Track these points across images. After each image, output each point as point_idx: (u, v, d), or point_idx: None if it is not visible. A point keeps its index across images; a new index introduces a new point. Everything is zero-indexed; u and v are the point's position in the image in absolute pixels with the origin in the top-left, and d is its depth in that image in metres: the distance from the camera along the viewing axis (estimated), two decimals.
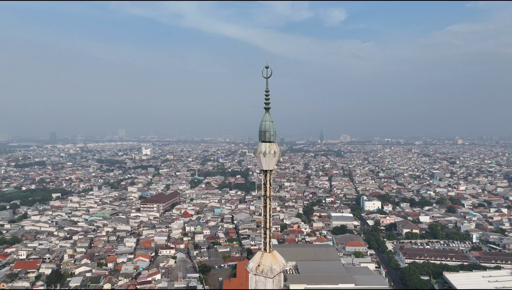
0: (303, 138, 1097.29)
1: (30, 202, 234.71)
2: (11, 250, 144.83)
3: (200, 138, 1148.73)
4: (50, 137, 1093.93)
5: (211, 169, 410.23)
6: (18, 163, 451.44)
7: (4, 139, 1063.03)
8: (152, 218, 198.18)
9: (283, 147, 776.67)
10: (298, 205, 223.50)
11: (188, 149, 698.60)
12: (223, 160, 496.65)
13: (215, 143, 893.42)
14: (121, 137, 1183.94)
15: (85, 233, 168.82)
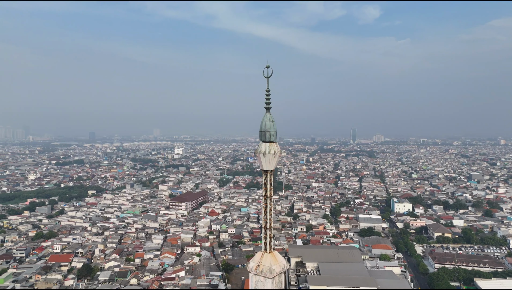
0: (335, 138, 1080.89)
1: (67, 198, 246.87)
2: (47, 244, 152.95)
3: (231, 138, 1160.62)
4: (89, 136, 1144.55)
5: (240, 168, 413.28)
6: (59, 161, 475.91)
7: (48, 138, 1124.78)
8: (180, 216, 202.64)
9: (313, 146, 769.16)
10: (326, 205, 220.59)
11: (219, 149, 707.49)
12: (252, 159, 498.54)
13: (246, 143, 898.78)
14: (155, 137, 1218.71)
15: (116, 229, 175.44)
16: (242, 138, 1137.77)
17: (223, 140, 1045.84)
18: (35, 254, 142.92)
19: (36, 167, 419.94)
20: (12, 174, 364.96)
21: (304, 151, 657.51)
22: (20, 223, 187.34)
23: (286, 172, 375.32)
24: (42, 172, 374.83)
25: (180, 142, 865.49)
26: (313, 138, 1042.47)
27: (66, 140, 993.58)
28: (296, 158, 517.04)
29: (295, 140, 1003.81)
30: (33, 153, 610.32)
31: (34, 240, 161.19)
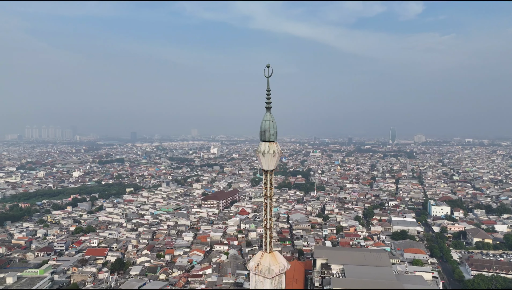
0: (373, 138, 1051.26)
1: (106, 195, 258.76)
2: (85, 238, 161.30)
3: None
4: (131, 136, 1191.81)
5: None
6: (102, 159, 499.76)
7: (93, 138, 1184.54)
8: (211, 214, 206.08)
9: (350, 147, 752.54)
10: (358, 207, 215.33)
11: (253, 148, 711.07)
12: (286, 159, 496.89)
13: (280, 143, 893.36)
14: (193, 137, 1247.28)
15: (149, 226, 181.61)
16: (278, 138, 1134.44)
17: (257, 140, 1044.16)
18: (74, 248, 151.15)
19: (80, 165, 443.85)
20: (59, 171, 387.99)
21: (340, 151, 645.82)
22: (63, 217, 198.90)
23: (320, 172, 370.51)
24: (86, 170, 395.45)
25: (216, 142, 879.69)
26: (350, 138, 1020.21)
27: (109, 140, 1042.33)
28: (331, 158, 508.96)
29: (331, 141, 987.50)
30: (79, 152, 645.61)
31: (74, 234, 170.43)
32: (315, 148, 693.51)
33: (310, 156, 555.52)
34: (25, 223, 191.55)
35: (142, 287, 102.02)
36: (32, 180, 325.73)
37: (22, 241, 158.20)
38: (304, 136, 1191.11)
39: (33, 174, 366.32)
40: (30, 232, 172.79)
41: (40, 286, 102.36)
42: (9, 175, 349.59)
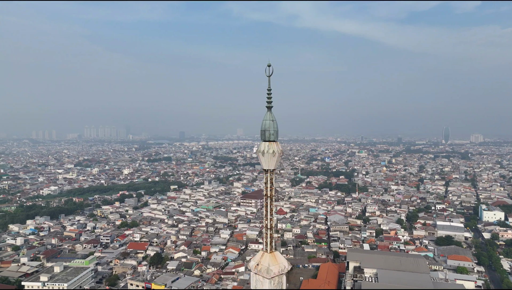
0: (425, 138, 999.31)
1: (152, 192, 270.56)
2: (129, 232, 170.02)
3: (311, 137, 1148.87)
4: (179, 136, 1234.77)
5: (316, 168, 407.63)
6: (150, 158, 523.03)
7: (145, 137, 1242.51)
8: (249, 212, 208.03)
9: (399, 147, 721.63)
10: (402, 210, 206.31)
11: (296, 148, 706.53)
12: (330, 159, 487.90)
13: (325, 143, 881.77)
14: (238, 136, 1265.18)
15: (189, 223, 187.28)
16: (323, 138, 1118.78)
17: (302, 140, 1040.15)
18: (118, 241, 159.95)
19: (131, 163, 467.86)
20: (111, 168, 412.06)
21: (387, 151, 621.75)
22: (111, 212, 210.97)
23: (364, 173, 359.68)
24: (135, 168, 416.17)
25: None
26: (400, 138, 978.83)
27: (159, 139, 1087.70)
28: (377, 159, 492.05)
29: (379, 140, 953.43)
30: (131, 150, 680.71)
31: (119, 228, 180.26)
32: (361, 148, 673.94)
33: (355, 156, 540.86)
34: (77, 216, 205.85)
35: (174, 281, 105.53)
36: (87, 177, 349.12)
37: (73, 233, 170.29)
38: (350, 136, 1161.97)
39: (88, 170, 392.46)
40: (81, 225, 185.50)
41: (82, 276, 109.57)
42: (67, 172, 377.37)
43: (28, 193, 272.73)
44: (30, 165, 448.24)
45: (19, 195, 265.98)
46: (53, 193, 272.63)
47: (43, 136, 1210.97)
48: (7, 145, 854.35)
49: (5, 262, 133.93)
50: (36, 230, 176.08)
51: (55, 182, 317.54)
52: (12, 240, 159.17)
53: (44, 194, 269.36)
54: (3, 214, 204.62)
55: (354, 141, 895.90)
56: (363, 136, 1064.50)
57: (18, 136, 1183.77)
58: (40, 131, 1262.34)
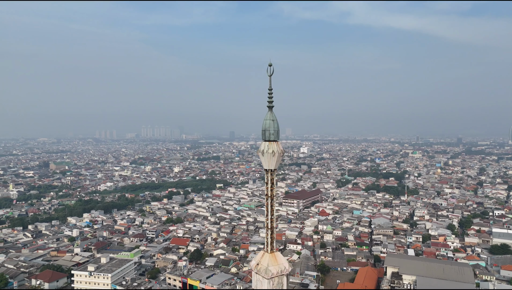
0: (488, 138, 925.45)
1: (198, 189, 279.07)
2: (173, 228, 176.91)
3: (362, 137, 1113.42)
4: (229, 135, 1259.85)
5: (364, 169, 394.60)
6: (200, 157, 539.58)
7: (197, 137, 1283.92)
8: (291, 213, 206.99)
9: (458, 148, 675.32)
10: (454, 215, 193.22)
11: (346, 148, 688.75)
12: (380, 160, 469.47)
13: (377, 143, 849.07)
14: (286, 136, 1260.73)
15: (230, 221, 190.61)
16: (375, 137, 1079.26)
17: (353, 140, 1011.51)
18: (163, 236, 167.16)
19: (181, 161, 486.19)
20: (162, 167, 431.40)
21: (444, 152, 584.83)
22: (158, 208, 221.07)
23: (416, 175, 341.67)
24: (185, 166, 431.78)
25: (309, 141, 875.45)
26: (460, 138, 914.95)
27: (210, 139, 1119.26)
28: (433, 160, 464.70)
29: (436, 141, 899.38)
30: (183, 149, 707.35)
31: (165, 224, 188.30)
32: (415, 148, 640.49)
33: (408, 157, 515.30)
34: (128, 211, 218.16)
35: (209, 277, 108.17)
36: (140, 174, 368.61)
37: (122, 227, 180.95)
38: (405, 136, 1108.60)
39: (142, 168, 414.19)
40: (130, 220, 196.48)
41: (126, 268, 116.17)
42: (123, 169, 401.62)
43: (87, 188, 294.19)
44: (92, 162, 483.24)
45: (79, 190, 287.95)
46: (108, 188, 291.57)
47: (105, 136, 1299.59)
48: (73, 143, 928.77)
49: (61, 251, 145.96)
50: (91, 223, 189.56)
51: (111, 178, 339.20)
52: (69, 232, 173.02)
53: (101, 190, 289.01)
54: (64, 207, 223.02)
55: (408, 142, 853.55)
56: (418, 136, 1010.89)
57: (84, 135, 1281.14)
58: (103, 131, 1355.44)
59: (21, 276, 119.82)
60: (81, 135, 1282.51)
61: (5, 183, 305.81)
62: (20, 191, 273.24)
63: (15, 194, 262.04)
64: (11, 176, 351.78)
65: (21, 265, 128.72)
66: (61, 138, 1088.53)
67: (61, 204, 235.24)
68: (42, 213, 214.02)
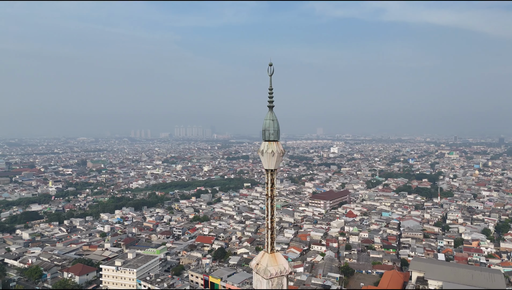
0: None
1: (226, 188, 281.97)
2: (199, 226, 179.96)
3: (397, 137, 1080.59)
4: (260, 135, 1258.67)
5: (397, 170, 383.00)
6: (230, 156, 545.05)
7: (228, 136, 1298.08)
8: (317, 213, 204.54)
9: (499, 148, 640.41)
10: (490, 219, 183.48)
11: (379, 148, 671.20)
12: (414, 161, 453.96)
13: (412, 143, 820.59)
14: (318, 135, 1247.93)
15: (255, 220, 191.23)
16: (410, 137, 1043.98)
17: (387, 140, 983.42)
18: (189, 234, 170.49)
19: (211, 160, 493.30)
20: (193, 165, 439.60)
21: (484, 153, 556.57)
22: (186, 206, 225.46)
23: (451, 176, 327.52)
24: (215, 165, 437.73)
25: (340, 141, 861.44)
26: (502, 138, 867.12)
27: (240, 138, 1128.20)
28: (471, 161, 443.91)
29: (476, 141, 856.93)
30: (213, 149, 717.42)
31: (192, 221, 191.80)
32: (453, 148, 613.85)
33: (444, 157, 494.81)
34: (157, 209, 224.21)
35: (230, 276, 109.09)
36: (171, 172, 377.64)
37: (151, 224, 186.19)
38: (442, 135, 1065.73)
39: (173, 167, 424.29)
40: (159, 217, 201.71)
41: (151, 264, 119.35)
42: (155, 167, 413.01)
43: (120, 186, 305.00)
44: (126, 160, 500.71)
45: (113, 187, 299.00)
46: (140, 186, 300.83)
47: (139, 135, 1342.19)
48: (110, 142, 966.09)
49: (92, 246, 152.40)
50: (122, 219, 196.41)
51: (143, 176, 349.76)
52: (101, 227, 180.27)
53: (133, 187, 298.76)
54: (97, 204, 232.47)
55: (445, 142, 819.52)
56: (456, 136, 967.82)
57: (120, 135, 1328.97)
58: (138, 130, 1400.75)
59: (54, 269, 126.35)
60: (117, 135, 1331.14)
61: (45, 180, 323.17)
62: (58, 187, 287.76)
63: (54, 190, 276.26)
64: (51, 173, 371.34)
65: (55, 258, 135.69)
66: (99, 138, 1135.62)
67: (95, 200, 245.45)
68: (77, 209, 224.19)
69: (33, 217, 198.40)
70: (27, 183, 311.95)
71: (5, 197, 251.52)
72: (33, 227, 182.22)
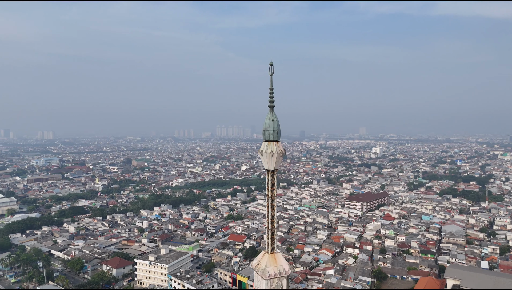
0: None
1: (261, 188, 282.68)
2: (232, 225, 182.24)
3: (445, 137, 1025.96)
4: (299, 135, 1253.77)
5: (442, 171, 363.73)
6: None
7: None
8: (353, 215, 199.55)
9: None
10: None
11: (424, 149, 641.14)
12: (462, 162, 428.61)
13: (461, 144, 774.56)
14: (360, 135, 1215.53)
15: (288, 220, 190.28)
16: (459, 137, 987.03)
17: (434, 140, 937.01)
18: (222, 232, 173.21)
19: (249, 160, 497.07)
20: (231, 165, 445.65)
21: None
22: (222, 205, 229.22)
23: (503, 179, 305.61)
24: (252, 164, 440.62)
25: (383, 141, 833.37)
26: None
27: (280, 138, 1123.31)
28: None
29: None
30: (252, 148, 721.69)
31: (226, 220, 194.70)
32: (507, 149, 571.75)
33: (497, 159, 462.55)
34: (194, 206, 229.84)
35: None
36: (210, 171, 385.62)
37: (186, 221, 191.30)
38: (496, 136, 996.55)
39: (212, 166, 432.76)
40: (195, 215, 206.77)
41: (182, 260, 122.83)
42: (195, 166, 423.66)
43: (161, 184, 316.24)
44: (168, 159, 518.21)
45: (154, 185, 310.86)
46: (179, 184, 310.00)
47: (183, 135, 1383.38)
48: (155, 142, 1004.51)
49: (130, 241, 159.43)
50: (160, 216, 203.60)
51: (183, 175, 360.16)
52: (140, 223, 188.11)
53: (172, 185, 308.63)
54: (138, 200, 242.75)
55: (499, 142, 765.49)
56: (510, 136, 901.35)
57: (164, 134, 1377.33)
58: (181, 130, 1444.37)
59: (94, 261, 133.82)
60: (162, 134, 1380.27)
61: (93, 177, 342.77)
62: (104, 184, 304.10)
63: (100, 187, 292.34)
64: (99, 170, 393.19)
65: (95, 251, 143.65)
66: (144, 137, 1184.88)
67: (137, 197, 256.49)
68: (119, 205, 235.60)
69: (79, 211, 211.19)
70: (77, 180, 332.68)
71: (56, 193, 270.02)
72: (79, 221, 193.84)
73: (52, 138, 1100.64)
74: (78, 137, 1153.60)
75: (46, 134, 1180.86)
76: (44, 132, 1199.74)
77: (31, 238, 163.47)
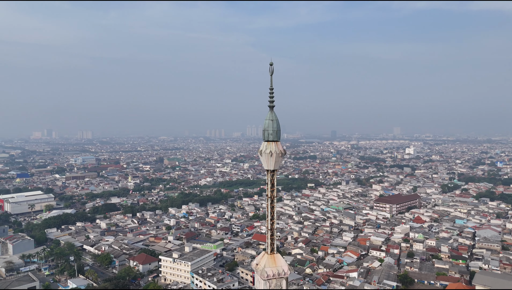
0: None
1: (289, 188, 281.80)
2: (257, 224, 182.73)
3: (486, 137, 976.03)
4: (331, 135, 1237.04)
5: (480, 173, 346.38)
6: (297, 155, 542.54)
7: (297, 136, 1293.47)
8: (381, 217, 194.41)
9: None
10: None
11: (462, 150, 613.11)
12: (503, 164, 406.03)
13: (503, 144, 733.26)
14: (394, 135, 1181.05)
15: (314, 221, 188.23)
16: (502, 138, 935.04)
17: (473, 140, 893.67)
18: (247, 231, 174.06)
19: None
20: (259, 164, 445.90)
21: None
22: (248, 204, 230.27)
23: None
24: (281, 165, 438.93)
25: (418, 142, 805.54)
26: None
27: (310, 138, 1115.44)
28: None
29: None
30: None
31: (251, 219, 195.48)
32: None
33: None
34: (221, 205, 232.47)
35: None
36: (238, 171, 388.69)
37: (212, 219, 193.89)
38: None
39: (241, 165, 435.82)
40: (221, 213, 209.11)
41: (205, 258, 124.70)
42: (224, 166, 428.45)
43: (190, 183, 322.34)
44: (199, 159, 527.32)
45: (183, 183, 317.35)
46: (208, 183, 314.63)
47: (214, 135, 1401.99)
48: (187, 141, 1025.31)
49: (157, 238, 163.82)
50: (187, 214, 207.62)
51: (212, 174, 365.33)
52: (167, 221, 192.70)
53: (201, 184, 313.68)
54: (167, 199, 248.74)
55: None
56: None
57: (196, 134, 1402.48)
58: (213, 130, 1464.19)
59: (122, 257, 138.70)
60: (194, 134, 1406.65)
61: (126, 175, 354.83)
62: (136, 182, 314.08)
63: (132, 185, 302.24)
64: (132, 169, 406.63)
65: (124, 247, 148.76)
66: (177, 137, 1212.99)
67: (166, 195, 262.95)
68: (149, 203, 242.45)
69: (111, 208, 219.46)
70: (111, 178, 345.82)
71: (91, 190, 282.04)
72: (111, 218, 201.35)
73: (91, 138, 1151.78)
74: (115, 137, 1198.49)
75: (85, 134, 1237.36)
76: (83, 132, 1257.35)
77: (65, 233, 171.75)
